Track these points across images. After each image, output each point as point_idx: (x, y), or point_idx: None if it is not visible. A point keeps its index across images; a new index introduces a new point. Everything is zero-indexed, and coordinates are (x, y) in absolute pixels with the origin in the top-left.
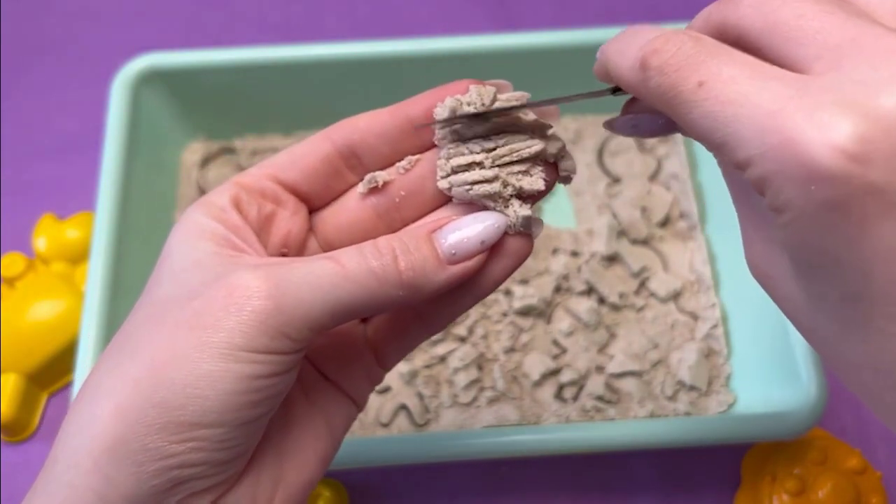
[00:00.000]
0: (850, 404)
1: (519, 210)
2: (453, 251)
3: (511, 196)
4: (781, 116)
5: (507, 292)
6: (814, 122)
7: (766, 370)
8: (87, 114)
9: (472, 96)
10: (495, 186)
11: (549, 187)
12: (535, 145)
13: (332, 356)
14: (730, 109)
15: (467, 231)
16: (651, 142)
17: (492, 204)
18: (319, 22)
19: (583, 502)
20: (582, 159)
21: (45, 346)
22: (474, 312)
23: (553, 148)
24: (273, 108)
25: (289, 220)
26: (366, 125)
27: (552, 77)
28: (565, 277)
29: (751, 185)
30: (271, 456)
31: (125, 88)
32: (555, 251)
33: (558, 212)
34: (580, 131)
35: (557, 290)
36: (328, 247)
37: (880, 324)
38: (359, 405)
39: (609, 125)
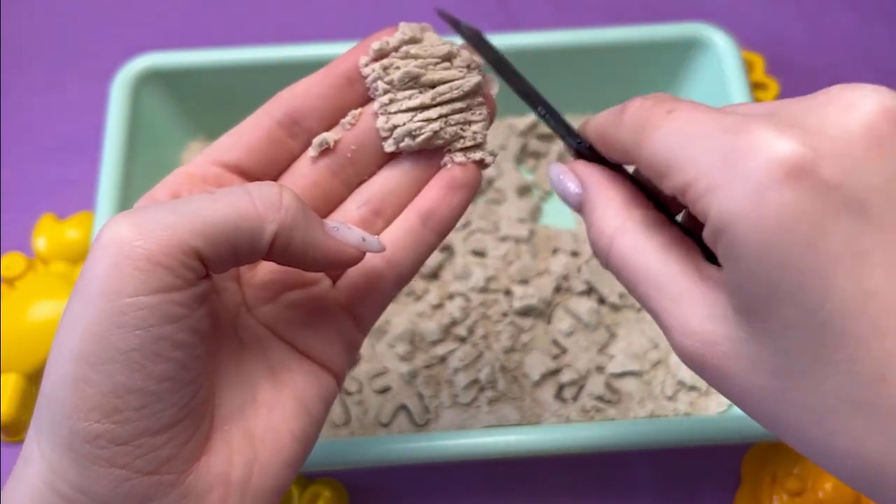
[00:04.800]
0: None
1: (473, 136)
2: (335, 226)
3: (457, 134)
4: (737, 130)
5: (507, 292)
6: (768, 131)
7: None
8: (87, 114)
9: (402, 31)
10: (437, 124)
11: (492, 119)
12: (473, 79)
13: (302, 324)
14: (690, 127)
15: (353, 228)
16: None
17: (440, 142)
18: (319, 22)
19: (583, 502)
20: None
21: (45, 346)
22: (474, 312)
23: (486, 83)
24: None
25: None
26: (302, 91)
27: (552, 77)
28: (565, 277)
29: (697, 211)
30: (240, 438)
31: (125, 88)
32: (555, 251)
33: (558, 212)
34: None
35: (557, 290)
36: None
37: (850, 351)
38: (337, 376)
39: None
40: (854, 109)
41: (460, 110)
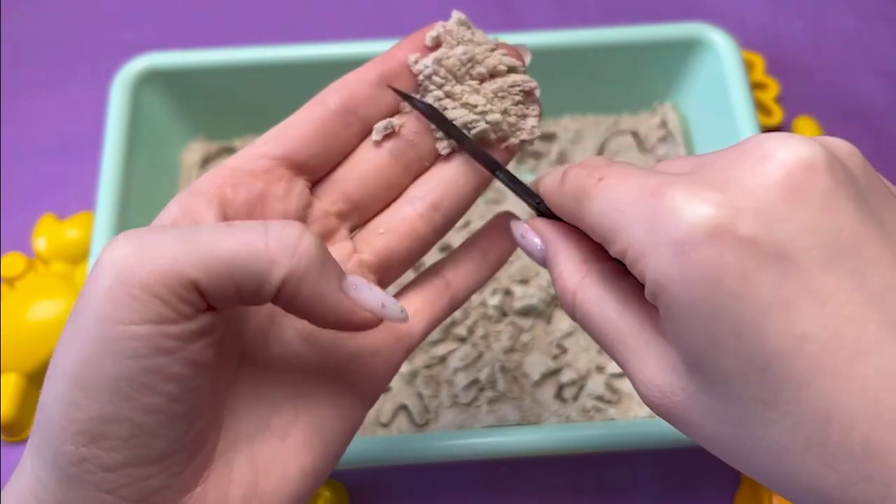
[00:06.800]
0: None
1: (532, 131)
2: (354, 284)
3: (517, 126)
4: (659, 194)
5: (507, 292)
6: (686, 193)
7: None
8: (87, 114)
9: (456, 17)
10: (496, 116)
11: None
12: (529, 81)
13: (346, 339)
14: (619, 195)
15: (376, 289)
16: (651, 142)
17: (493, 136)
18: (319, 22)
19: (582, 502)
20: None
21: (45, 346)
22: (474, 312)
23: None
24: (273, 108)
25: (282, 200)
26: (357, 79)
27: (552, 77)
28: None
29: (637, 275)
30: (242, 468)
31: (125, 88)
32: None
33: None
34: (580, 131)
35: None
36: (353, 205)
37: (793, 393)
38: (368, 402)
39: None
40: (769, 160)
41: (519, 103)
